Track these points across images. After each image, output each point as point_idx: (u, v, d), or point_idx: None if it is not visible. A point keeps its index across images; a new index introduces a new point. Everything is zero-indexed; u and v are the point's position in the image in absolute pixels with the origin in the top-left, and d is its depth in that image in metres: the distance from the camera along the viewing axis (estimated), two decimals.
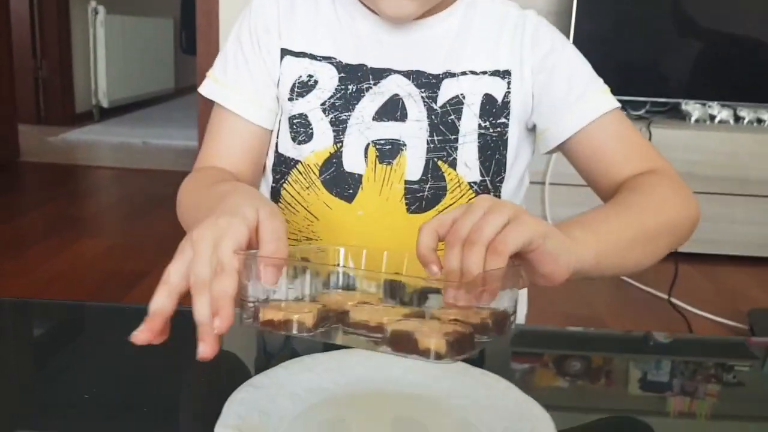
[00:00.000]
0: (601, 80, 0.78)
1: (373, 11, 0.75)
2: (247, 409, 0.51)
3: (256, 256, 0.50)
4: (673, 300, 2.16)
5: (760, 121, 2.71)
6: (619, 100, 0.78)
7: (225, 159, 0.79)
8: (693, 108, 2.71)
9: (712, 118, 2.71)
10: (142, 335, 0.47)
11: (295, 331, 0.48)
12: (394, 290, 0.52)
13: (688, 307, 2.17)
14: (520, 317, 0.85)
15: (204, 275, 0.48)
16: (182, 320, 0.48)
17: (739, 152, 2.60)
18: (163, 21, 5.95)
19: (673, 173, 0.75)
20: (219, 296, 0.47)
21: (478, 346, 0.48)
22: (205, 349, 0.47)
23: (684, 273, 2.41)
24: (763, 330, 1.95)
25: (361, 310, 0.49)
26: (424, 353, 0.45)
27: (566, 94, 0.76)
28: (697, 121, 2.70)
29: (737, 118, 2.73)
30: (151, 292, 0.48)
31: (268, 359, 0.65)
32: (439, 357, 0.44)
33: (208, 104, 0.81)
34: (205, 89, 0.81)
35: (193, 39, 3.86)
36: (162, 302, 0.48)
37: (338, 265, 0.58)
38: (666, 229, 0.69)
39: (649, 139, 2.51)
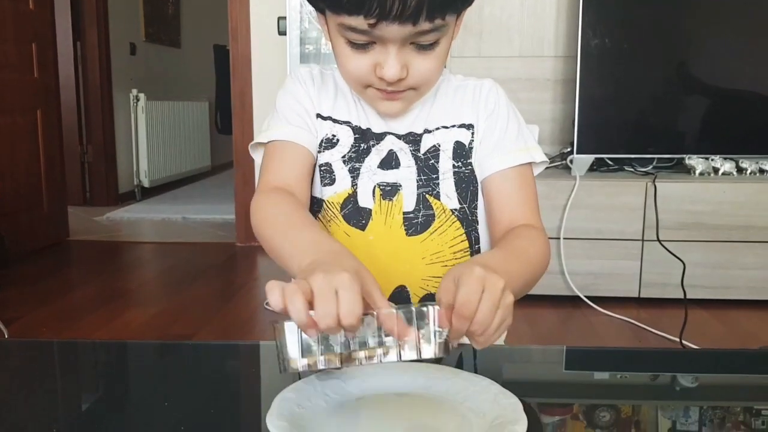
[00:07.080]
0: (528, 138, 0.98)
1: None
2: (290, 404, 0.64)
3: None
4: (685, 342, 2.24)
5: (761, 171, 2.78)
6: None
7: (285, 179, 0.93)
8: (697, 162, 2.78)
9: (716, 170, 2.78)
10: (312, 331, 0.60)
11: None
12: None
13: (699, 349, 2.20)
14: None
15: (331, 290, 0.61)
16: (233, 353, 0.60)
17: (743, 202, 2.66)
18: (198, 104, 6.20)
19: (544, 230, 0.94)
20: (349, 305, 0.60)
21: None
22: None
23: (698, 317, 2.49)
24: None
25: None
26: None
27: (495, 144, 0.96)
28: (701, 174, 2.78)
29: (740, 170, 2.80)
30: None
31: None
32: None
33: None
34: (259, 138, 0.97)
35: (227, 119, 4.12)
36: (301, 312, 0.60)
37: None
38: (535, 278, 0.87)
39: (655, 193, 2.64)
